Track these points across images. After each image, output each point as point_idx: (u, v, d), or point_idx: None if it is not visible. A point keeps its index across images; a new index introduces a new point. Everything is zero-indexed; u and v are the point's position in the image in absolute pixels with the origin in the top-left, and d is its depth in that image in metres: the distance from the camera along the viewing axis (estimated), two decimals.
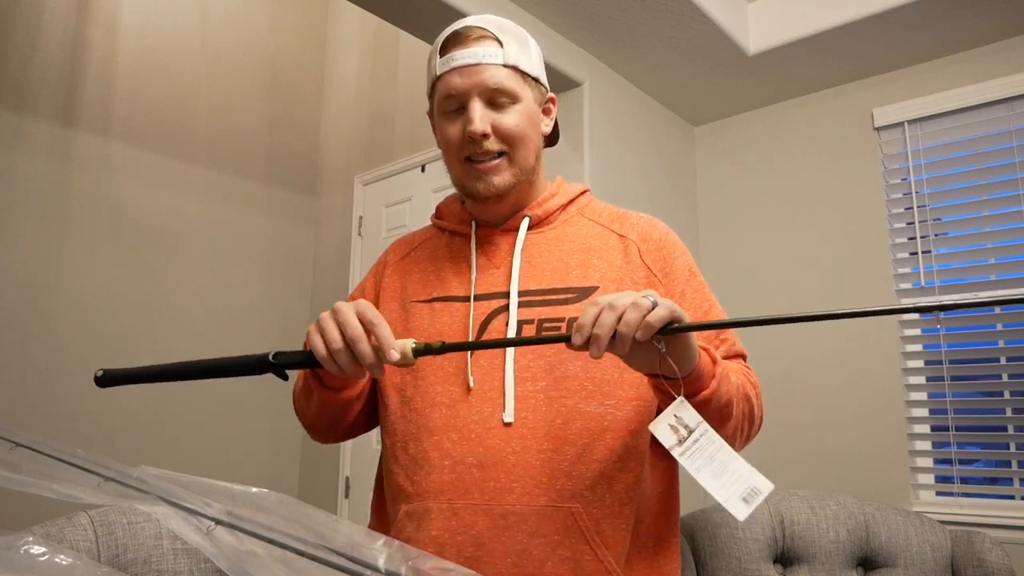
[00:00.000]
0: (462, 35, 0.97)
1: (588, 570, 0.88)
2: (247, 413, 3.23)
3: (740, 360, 1.02)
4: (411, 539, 0.92)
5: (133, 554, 1.09)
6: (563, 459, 0.91)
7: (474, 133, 0.94)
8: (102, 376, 0.91)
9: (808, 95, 2.76)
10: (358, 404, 1.03)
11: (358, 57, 3.60)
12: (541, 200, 1.06)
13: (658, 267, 1.02)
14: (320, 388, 0.96)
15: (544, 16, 2.25)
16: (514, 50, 0.97)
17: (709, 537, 1.55)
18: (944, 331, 2.36)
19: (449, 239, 1.09)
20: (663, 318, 0.75)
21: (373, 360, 0.81)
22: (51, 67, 2.80)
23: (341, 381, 0.95)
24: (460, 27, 0.98)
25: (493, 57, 0.95)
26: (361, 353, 0.80)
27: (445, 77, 0.97)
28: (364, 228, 3.40)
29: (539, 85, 1.02)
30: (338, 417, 1.02)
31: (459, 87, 0.95)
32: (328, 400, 0.98)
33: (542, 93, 1.03)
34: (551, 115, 1.06)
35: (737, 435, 0.96)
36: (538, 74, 1.01)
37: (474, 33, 0.96)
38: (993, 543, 1.51)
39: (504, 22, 1.00)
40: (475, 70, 0.95)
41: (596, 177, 2.44)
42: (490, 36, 0.97)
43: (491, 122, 0.95)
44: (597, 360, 0.95)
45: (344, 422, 1.04)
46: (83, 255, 2.81)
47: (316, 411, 1.01)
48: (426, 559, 0.55)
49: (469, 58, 0.95)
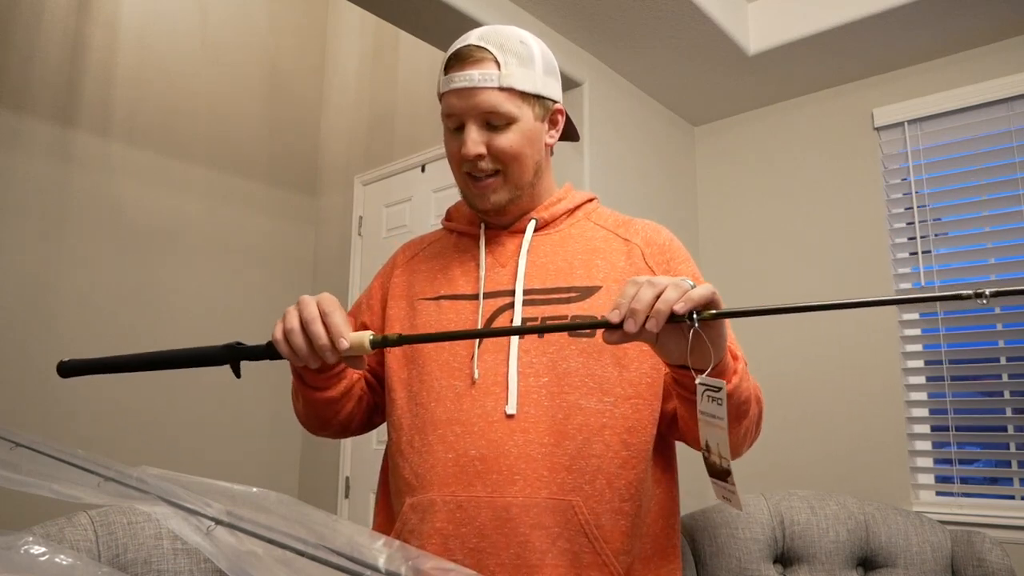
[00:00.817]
0: (462, 56, 0.99)
1: (586, 563, 0.90)
2: (247, 413, 3.23)
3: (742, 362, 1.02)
4: (416, 531, 0.94)
5: (133, 554, 1.09)
6: (563, 453, 0.93)
7: (467, 155, 0.99)
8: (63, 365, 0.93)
9: (808, 95, 2.76)
10: (347, 404, 1.06)
11: (358, 57, 3.60)
12: (548, 204, 1.09)
13: (661, 270, 1.04)
14: (303, 387, 1.01)
15: (544, 16, 2.25)
16: (513, 70, 0.98)
17: (709, 537, 1.55)
18: (944, 331, 2.36)
19: (458, 239, 1.12)
20: (704, 295, 0.76)
21: (324, 342, 0.85)
22: (51, 67, 2.80)
23: (321, 381, 0.99)
24: (462, 46, 1.00)
25: (489, 80, 0.97)
26: (314, 334, 0.85)
27: (446, 96, 1.01)
28: (364, 228, 3.40)
29: (542, 100, 1.03)
30: (325, 415, 1.06)
31: (456, 108, 0.99)
32: (310, 399, 1.02)
33: (546, 107, 1.04)
34: (558, 125, 1.08)
35: (747, 437, 0.98)
36: (540, 90, 1.02)
37: (474, 55, 0.98)
38: (993, 543, 1.51)
39: (508, 38, 1.01)
40: (470, 93, 0.98)
41: (596, 177, 2.44)
42: (489, 58, 0.98)
43: (486, 142, 0.99)
44: (598, 357, 0.96)
45: (334, 421, 1.08)
46: (83, 255, 2.81)
47: (303, 409, 1.06)
48: (427, 559, 0.55)
49: (465, 81, 0.98)
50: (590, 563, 0.90)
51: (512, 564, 0.89)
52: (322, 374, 0.99)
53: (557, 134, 1.09)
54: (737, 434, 0.93)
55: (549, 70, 1.04)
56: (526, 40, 1.02)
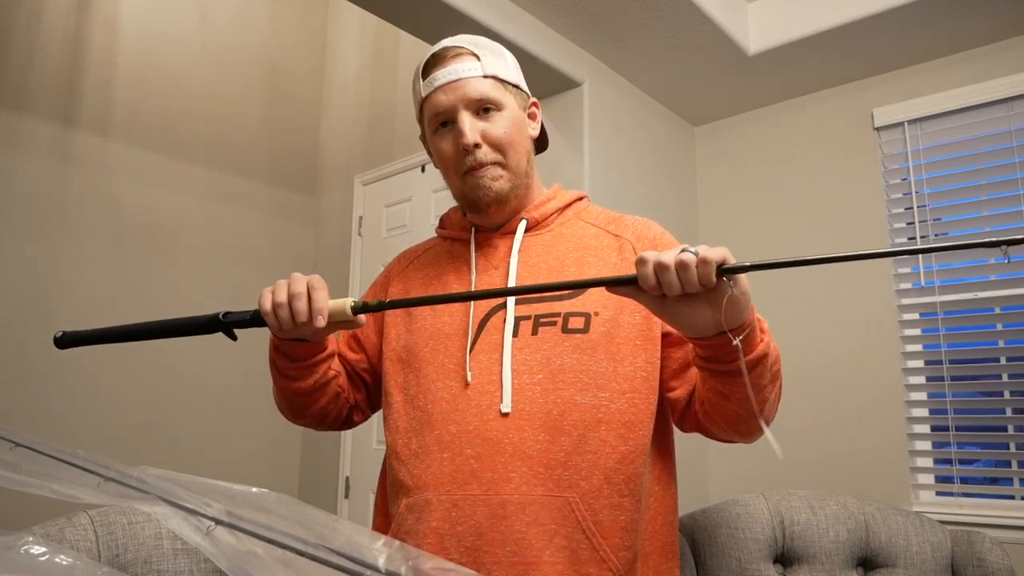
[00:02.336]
0: (440, 56, 1.03)
1: (584, 559, 0.90)
2: (247, 413, 3.23)
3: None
4: (412, 531, 0.94)
5: (133, 554, 1.09)
6: (559, 449, 0.93)
7: (467, 144, 1.00)
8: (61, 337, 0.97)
9: (808, 95, 2.76)
10: (320, 398, 1.09)
11: (358, 57, 3.60)
12: (538, 204, 1.10)
13: None
14: (277, 375, 1.05)
15: (544, 16, 2.25)
16: (491, 61, 1.03)
17: (709, 537, 1.55)
18: (944, 331, 2.36)
19: (451, 245, 1.14)
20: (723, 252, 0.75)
21: (306, 318, 0.90)
22: (51, 67, 2.80)
23: (294, 371, 1.03)
24: (437, 49, 1.04)
25: (473, 71, 1.01)
26: (296, 310, 0.90)
27: (431, 98, 1.03)
28: (364, 228, 3.40)
29: (520, 92, 1.07)
30: (297, 405, 1.09)
31: (445, 104, 1.01)
32: (281, 387, 1.06)
33: (524, 99, 1.09)
34: (536, 119, 1.12)
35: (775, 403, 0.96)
36: (517, 81, 1.07)
37: (451, 52, 1.02)
38: (993, 543, 1.51)
39: (477, 38, 1.06)
40: (457, 85, 1.01)
41: (596, 177, 2.44)
42: (466, 52, 1.03)
43: (481, 131, 1.01)
44: (591, 353, 0.96)
45: (307, 412, 1.11)
46: (83, 255, 2.81)
47: (277, 396, 1.11)
48: (426, 559, 0.55)
49: (450, 75, 1.01)
50: (588, 559, 0.90)
51: (509, 561, 0.89)
52: (294, 363, 1.02)
53: (537, 128, 1.12)
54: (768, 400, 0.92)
55: (518, 70, 1.09)
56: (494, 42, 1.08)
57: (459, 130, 1.00)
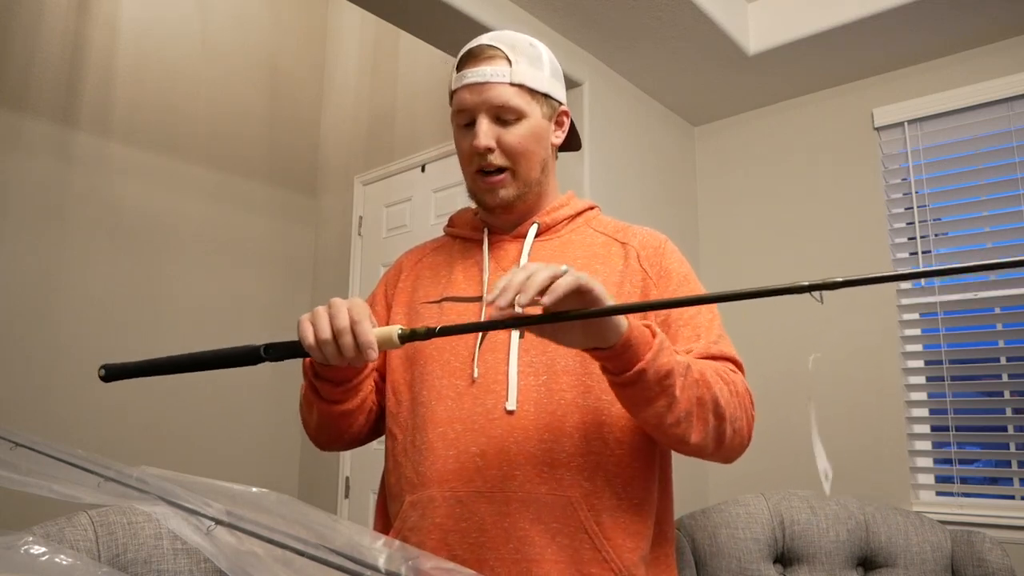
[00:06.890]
0: (475, 53, 1.04)
1: (586, 559, 0.91)
2: (247, 413, 3.23)
3: (728, 363, 0.99)
4: (416, 528, 0.95)
5: (133, 554, 1.09)
6: (562, 450, 0.94)
7: (477, 147, 1.01)
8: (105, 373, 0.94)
9: (808, 95, 2.76)
10: (360, 416, 1.06)
11: (358, 57, 3.60)
12: (550, 209, 1.11)
13: (654, 271, 1.05)
14: (318, 401, 1.00)
15: (544, 16, 2.25)
16: (523, 68, 1.03)
17: (709, 537, 1.55)
18: (944, 331, 2.36)
19: (461, 245, 1.15)
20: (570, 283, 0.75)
21: (354, 354, 0.84)
22: (51, 67, 2.79)
23: (339, 395, 0.99)
24: (474, 46, 1.05)
25: (501, 76, 1.01)
26: (344, 345, 0.84)
27: (458, 92, 1.04)
28: (364, 228, 3.40)
29: (549, 100, 1.07)
30: (339, 428, 1.06)
31: (468, 103, 1.02)
32: (326, 412, 1.02)
33: (553, 107, 1.08)
34: (564, 126, 1.12)
35: (703, 425, 0.90)
36: (548, 90, 1.06)
37: (486, 52, 1.03)
38: (993, 543, 1.51)
39: (518, 40, 1.05)
40: (483, 88, 1.01)
41: (596, 177, 2.44)
42: (501, 55, 1.03)
43: (496, 137, 1.02)
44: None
45: (347, 433, 1.08)
46: (83, 255, 2.81)
47: (317, 422, 1.05)
48: (427, 559, 0.55)
49: (478, 76, 1.02)
50: (590, 559, 0.91)
51: (512, 559, 0.90)
52: (339, 387, 0.99)
53: (563, 135, 1.12)
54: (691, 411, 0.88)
55: (555, 74, 1.09)
56: (535, 44, 1.07)
57: (475, 132, 1.02)
